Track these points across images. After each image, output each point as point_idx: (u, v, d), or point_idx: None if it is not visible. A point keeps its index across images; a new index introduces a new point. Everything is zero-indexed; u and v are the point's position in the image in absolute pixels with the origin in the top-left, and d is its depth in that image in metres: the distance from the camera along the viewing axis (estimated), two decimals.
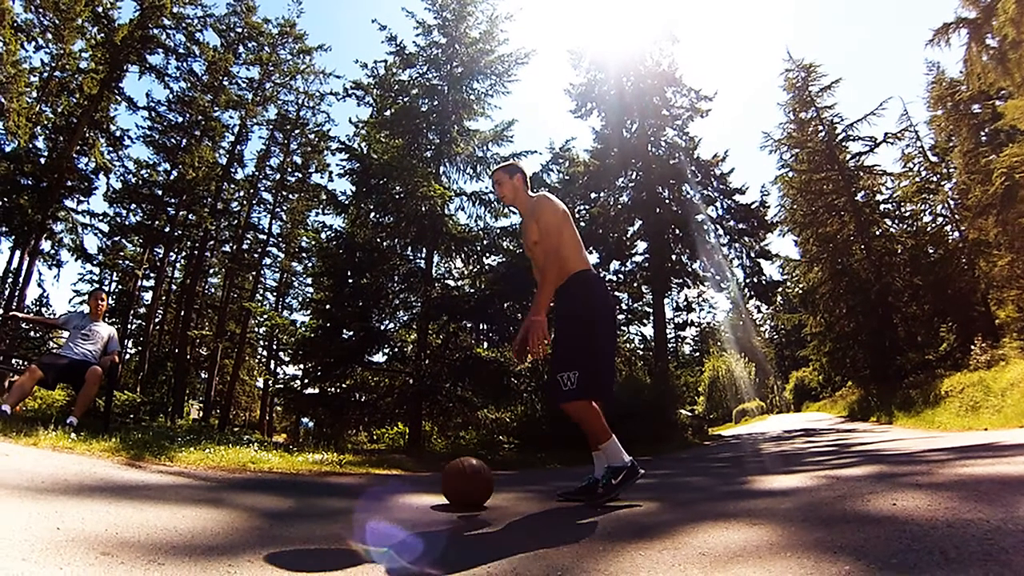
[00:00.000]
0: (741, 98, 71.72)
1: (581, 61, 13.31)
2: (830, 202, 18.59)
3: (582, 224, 12.05)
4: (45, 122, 16.97)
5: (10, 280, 16.87)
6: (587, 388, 2.26)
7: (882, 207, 19.05)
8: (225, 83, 17.26)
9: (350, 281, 9.25)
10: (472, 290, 8.94)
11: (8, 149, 16.55)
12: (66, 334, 5.01)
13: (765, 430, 15.45)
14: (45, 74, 17.14)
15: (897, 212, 18.99)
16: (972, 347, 12.51)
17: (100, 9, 16.91)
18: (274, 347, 19.68)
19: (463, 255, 9.03)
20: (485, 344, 8.97)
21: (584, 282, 2.40)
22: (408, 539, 1.78)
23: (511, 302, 8.49)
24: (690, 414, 13.44)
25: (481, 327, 9.32)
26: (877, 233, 18.64)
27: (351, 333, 9.33)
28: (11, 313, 9.64)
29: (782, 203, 19.39)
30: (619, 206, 12.48)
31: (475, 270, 9.27)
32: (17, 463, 2.38)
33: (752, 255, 14.79)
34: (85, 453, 3.06)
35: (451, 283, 9.50)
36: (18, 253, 16.72)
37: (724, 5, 62.34)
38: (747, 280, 14.59)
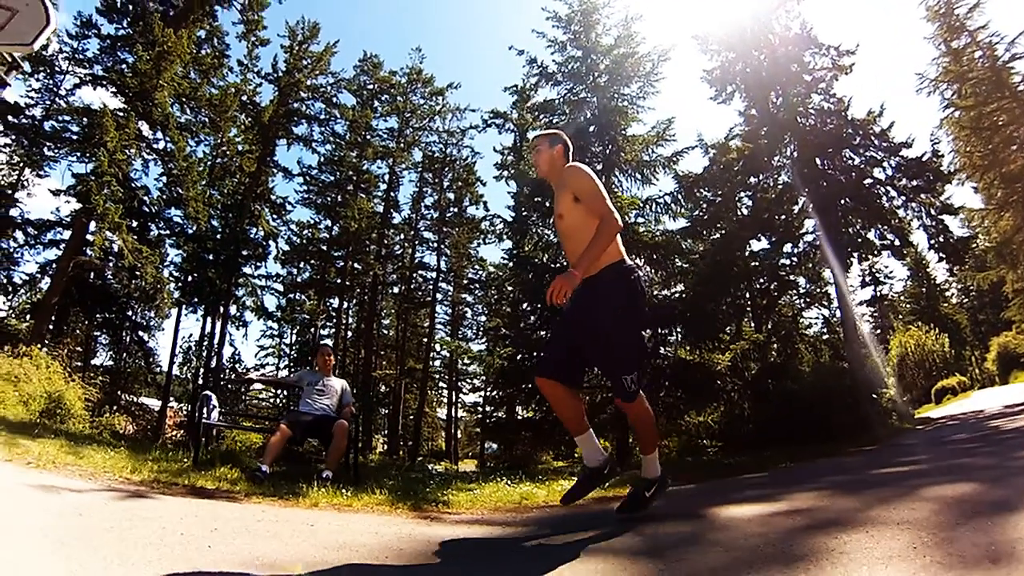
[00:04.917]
0: (887, 43, 62.18)
1: (709, 44, 12.77)
2: (1008, 135, 16.08)
3: (746, 212, 11.51)
4: (216, 203, 19.53)
5: (206, 343, 19.59)
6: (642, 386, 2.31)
7: None
8: (368, 137, 18.81)
9: (539, 305, 9.53)
10: (667, 293, 8.84)
11: (191, 231, 19.20)
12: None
13: (978, 408, 13.57)
14: (209, 162, 19.75)
15: None
16: None
17: (245, 98, 19.23)
18: (454, 378, 20.78)
19: (653, 262, 8.95)
20: (687, 348, 8.80)
21: (625, 274, 2.31)
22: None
23: (713, 303, 8.28)
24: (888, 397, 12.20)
25: (679, 330, 9.14)
26: None
27: None
28: (247, 375, 10.81)
29: (955, 148, 17.06)
30: (779, 186, 11.72)
31: (663, 275, 9.17)
32: (331, 536, 2.28)
33: (933, 212, 13.21)
34: (363, 509, 3.07)
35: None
36: (210, 319, 19.33)
37: None
38: (931, 241, 13.01)
